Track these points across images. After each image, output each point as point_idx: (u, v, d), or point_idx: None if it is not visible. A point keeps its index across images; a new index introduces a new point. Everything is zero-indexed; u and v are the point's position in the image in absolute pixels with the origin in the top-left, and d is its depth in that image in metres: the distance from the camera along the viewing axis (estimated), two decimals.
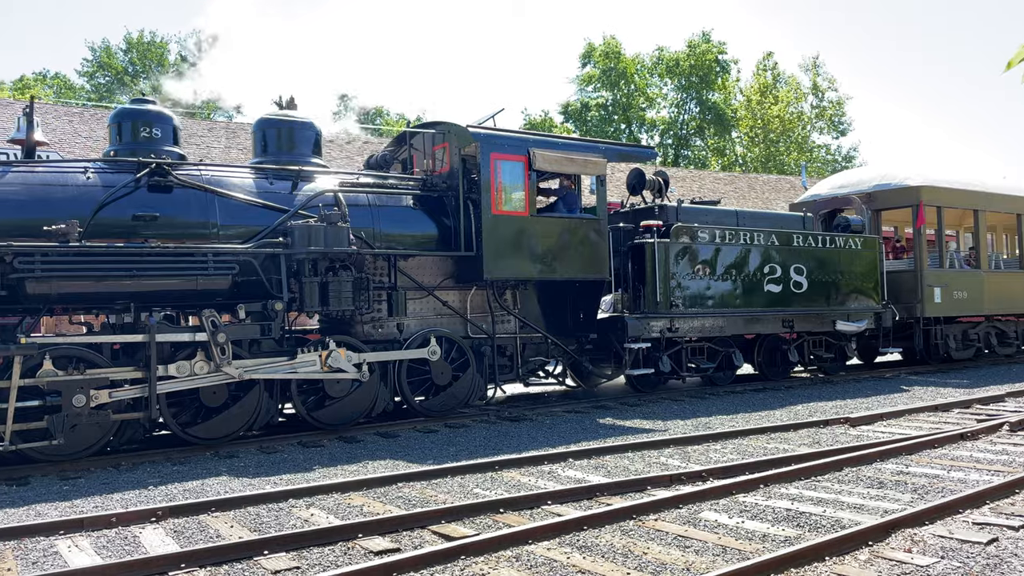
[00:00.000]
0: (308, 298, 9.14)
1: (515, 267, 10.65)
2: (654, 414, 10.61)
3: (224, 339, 8.55)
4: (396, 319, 10.20)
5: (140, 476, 7.43)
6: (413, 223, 10.39)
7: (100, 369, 8.07)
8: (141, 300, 8.48)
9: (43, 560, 5.00)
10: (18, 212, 8.05)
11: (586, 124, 46.33)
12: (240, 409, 8.87)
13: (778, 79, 47.42)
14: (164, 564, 4.71)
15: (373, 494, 6.49)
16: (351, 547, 5.08)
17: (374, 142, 22.54)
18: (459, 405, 10.50)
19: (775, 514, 5.60)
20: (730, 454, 7.84)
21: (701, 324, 12.45)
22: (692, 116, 48.63)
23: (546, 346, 11.45)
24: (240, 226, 9.10)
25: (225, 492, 6.65)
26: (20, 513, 6.17)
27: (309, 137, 10.32)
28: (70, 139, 17.46)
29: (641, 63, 48.03)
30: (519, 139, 11.02)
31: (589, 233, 11.25)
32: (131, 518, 5.76)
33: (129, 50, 45.82)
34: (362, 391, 9.62)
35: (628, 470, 7.18)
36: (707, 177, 30.57)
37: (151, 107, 9.37)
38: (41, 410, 7.75)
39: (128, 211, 8.50)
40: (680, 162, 47.16)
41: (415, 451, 8.35)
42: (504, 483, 6.79)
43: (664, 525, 5.37)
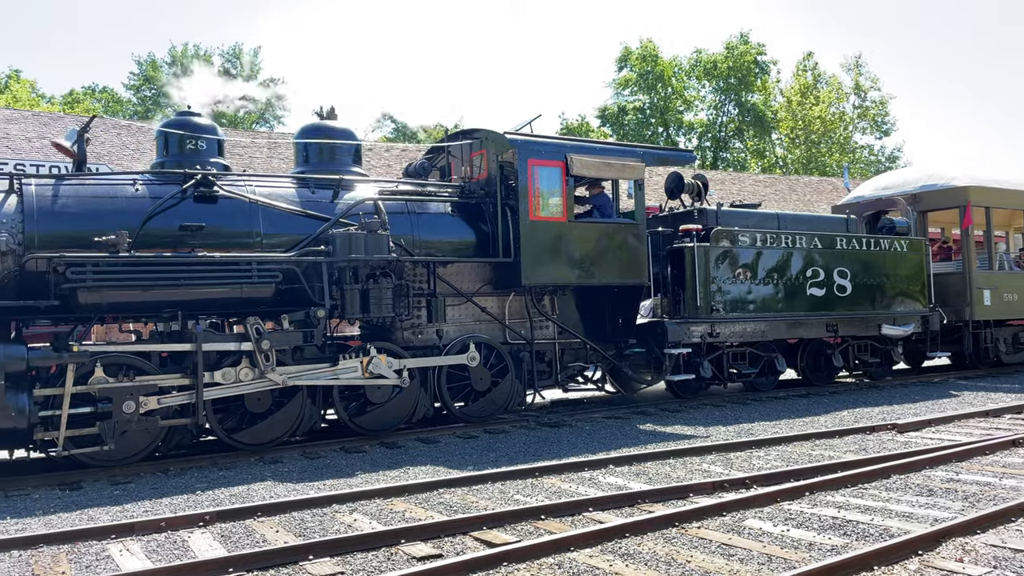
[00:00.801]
0: (349, 305, 9.25)
1: (553, 273, 10.65)
2: (695, 420, 10.51)
3: (268, 346, 8.70)
4: (435, 325, 10.27)
5: (188, 481, 7.59)
6: (451, 230, 10.47)
7: (149, 376, 8.27)
8: (188, 308, 8.66)
9: (96, 564, 5.14)
10: (70, 224, 8.29)
11: (623, 128, 46.15)
12: (284, 415, 9.00)
13: (819, 79, 46.70)
14: (212, 568, 4.80)
15: (415, 500, 6.54)
16: (394, 552, 5.12)
17: (412, 150, 22.74)
18: (498, 411, 10.53)
19: (821, 522, 5.51)
20: (774, 461, 7.74)
21: (742, 329, 12.31)
22: (731, 118, 48.14)
23: (585, 352, 11.42)
24: (283, 235, 9.25)
25: (270, 497, 6.76)
26: (73, 517, 6.34)
27: (349, 147, 10.46)
28: (118, 151, 17.93)
29: (678, 66, 47.71)
30: (556, 145, 11.03)
31: (627, 238, 11.20)
32: (180, 523, 5.88)
33: (173, 63, 46.88)
34: (403, 397, 9.70)
35: (670, 477, 7.13)
36: (747, 180, 30.23)
37: (196, 120, 9.58)
38: (93, 416, 7.96)
39: (175, 222, 8.70)
40: (719, 165, 46.72)
41: (455, 457, 8.40)
42: (545, 489, 6.79)
43: (707, 533, 5.32)
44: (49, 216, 8.21)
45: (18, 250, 7.99)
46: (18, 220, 8.06)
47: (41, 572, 4.99)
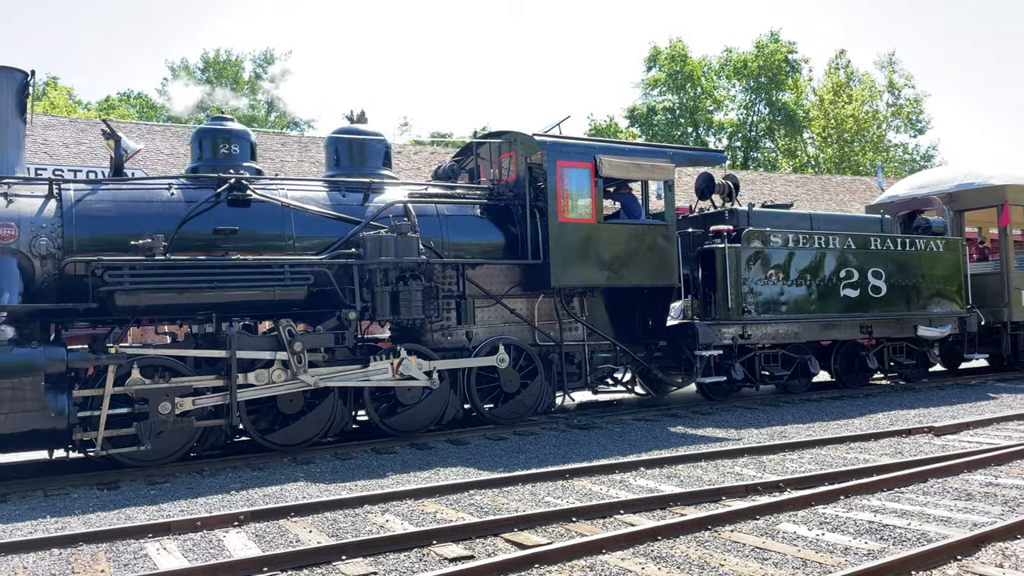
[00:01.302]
0: (380, 307, 9.32)
1: (582, 274, 10.63)
2: (727, 422, 10.42)
3: (300, 348, 8.79)
4: (465, 327, 10.30)
5: (222, 481, 7.69)
6: (481, 232, 10.49)
7: (184, 377, 8.40)
8: (222, 310, 8.78)
9: (134, 562, 5.23)
10: (107, 227, 8.44)
11: (652, 128, 45.91)
12: (316, 416, 9.09)
13: (852, 77, 46.08)
14: (247, 567, 4.86)
15: (446, 501, 6.56)
16: (426, 553, 5.14)
17: (441, 152, 22.82)
18: (528, 413, 10.53)
19: (857, 527, 5.43)
20: (808, 464, 7.64)
21: (775, 330, 12.18)
22: (761, 117, 47.66)
23: (614, 353, 11.39)
24: (314, 238, 9.34)
25: (303, 497, 6.82)
26: (111, 517, 6.46)
27: (379, 150, 10.54)
28: (153, 156, 18.22)
29: (708, 65, 47.35)
30: (585, 146, 11.01)
31: (657, 239, 11.15)
32: (215, 522, 5.97)
33: (206, 69, 47.59)
34: (433, 398, 9.74)
35: (702, 480, 7.08)
36: (778, 179, 29.91)
37: (229, 124, 9.72)
38: (129, 417, 8.10)
39: (209, 225, 8.82)
40: (750, 165, 46.27)
41: (485, 458, 8.41)
42: (575, 491, 6.77)
43: (741, 537, 5.27)
44: (87, 220, 8.38)
45: (57, 254, 8.16)
46: (57, 224, 8.23)
47: (81, 570, 5.09)
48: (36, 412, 7.48)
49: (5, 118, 8.39)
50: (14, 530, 6.12)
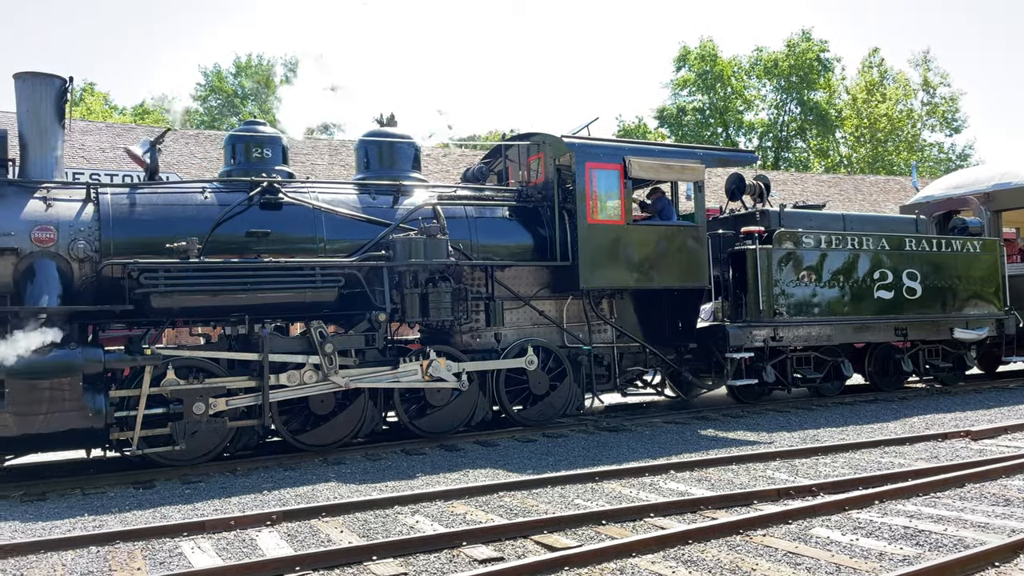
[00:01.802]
0: (409, 309, 9.38)
1: (611, 276, 10.60)
2: (758, 426, 10.32)
3: (331, 349, 8.88)
4: (494, 329, 10.32)
5: (255, 481, 7.79)
6: (509, 234, 10.51)
7: (218, 378, 8.52)
8: (254, 312, 8.89)
9: (169, 560, 5.31)
10: (143, 231, 8.60)
11: (681, 129, 45.61)
12: (346, 417, 9.17)
13: (885, 76, 45.40)
14: (280, 567, 4.91)
15: (475, 502, 6.58)
16: (456, 555, 5.16)
17: (470, 155, 22.89)
18: (556, 415, 10.52)
19: (892, 532, 5.35)
20: (841, 468, 7.55)
21: (807, 332, 12.04)
22: (792, 117, 47.12)
23: (644, 356, 11.33)
24: (345, 240, 9.42)
25: (334, 498, 6.89)
26: (147, 515, 6.57)
27: (409, 153, 10.60)
28: (187, 160, 18.52)
29: (738, 65, 46.93)
30: (614, 147, 10.98)
31: (687, 240, 11.08)
32: (248, 521, 6.04)
33: (238, 73, 48.21)
34: (462, 400, 9.77)
35: (733, 483, 7.02)
36: (810, 180, 29.54)
37: (261, 129, 9.84)
38: (165, 417, 8.24)
39: (242, 228, 8.94)
40: (781, 165, 45.77)
41: (514, 460, 8.42)
42: (605, 494, 6.75)
43: (773, 541, 5.22)
44: (124, 224, 8.53)
45: (95, 257, 8.32)
46: (95, 228, 8.39)
47: (118, 568, 5.18)
48: (74, 412, 7.63)
49: (45, 124, 8.58)
50: (53, 528, 6.25)
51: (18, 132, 8.60)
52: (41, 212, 8.24)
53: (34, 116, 8.52)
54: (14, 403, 7.41)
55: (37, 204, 8.27)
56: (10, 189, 8.26)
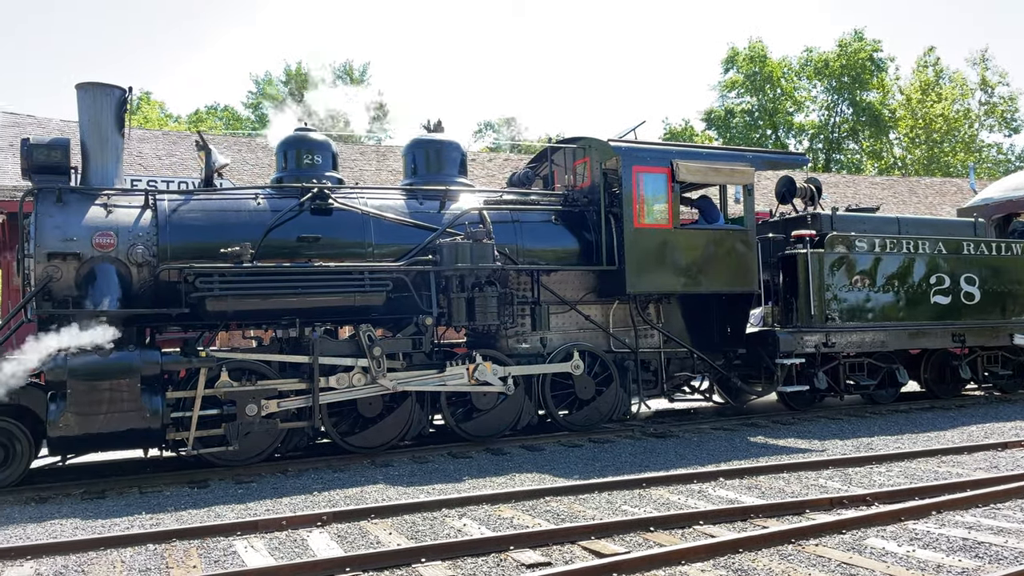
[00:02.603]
0: (456, 313, 9.44)
1: (658, 281, 10.52)
2: (810, 433, 10.13)
3: (379, 353, 8.98)
4: (539, 333, 10.32)
5: (305, 482, 7.91)
6: (555, 238, 10.51)
7: (270, 381, 8.68)
8: (305, 315, 9.04)
9: (223, 559, 5.42)
10: (198, 236, 8.81)
11: (730, 131, 45.03)
12: (394, 419, 9.26)
13: (941, 75, 44.20)
14: (330, 567, 4.99)
15: (522, 507, 6.58)
16: (503, 559, 5.17)
17: (515, 159, 22.95)
18: (603, 420, 10.47)
19: (950, 543, 5.20)
20: (896, 477, 7.36)
21: (860, 338, 11.78)
22: (844, 118, 46.15)
23: (691, 361, 11.21)
24: (393, 245, 9.53)
25: (383, 499, 6.96)
26: (202, 514, 6.72)
27: (455, 157, 10.68)
28: (239, 167, 18.90)
29: (788, 66, 46.16)
30: (661, 151, 10.90)
31: (736, 244, 10.94)
32: (299, 522, 6.15)
33: (288, 81, 49.10)
34: (508, 404, 9.80)
35: (784, 492, 6.90)
36: (862, 182, 28.89)
37: (312, 135, 10.01)
38: (218, 418, 8.42)
39: (293, 233, 9.10)
40: (832, 167, 44.88)
41: (560, 465, 8.40)
42: (652, 501, 6.70)
43: (826, 551, 5.12)
44: (180, 229, 8.76)
45: (153, 261, 8.56)
46: (152, 233, 8.63)
47: (174, 565, 5.31)
48: (133, 412, 7.86)
49: (105, 132, 8.86)
50: (112, 525, 6.43)
51: (80, 141, 8.89)
52: (102, 218, 8.51)
53: (95, 125, 8.81)
54: (76, 403, 7.66)
55: (98, 210, 8.54)
56: (73, 196, 8.54)
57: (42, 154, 8.52)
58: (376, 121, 10.73)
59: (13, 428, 7.80)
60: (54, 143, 8.64)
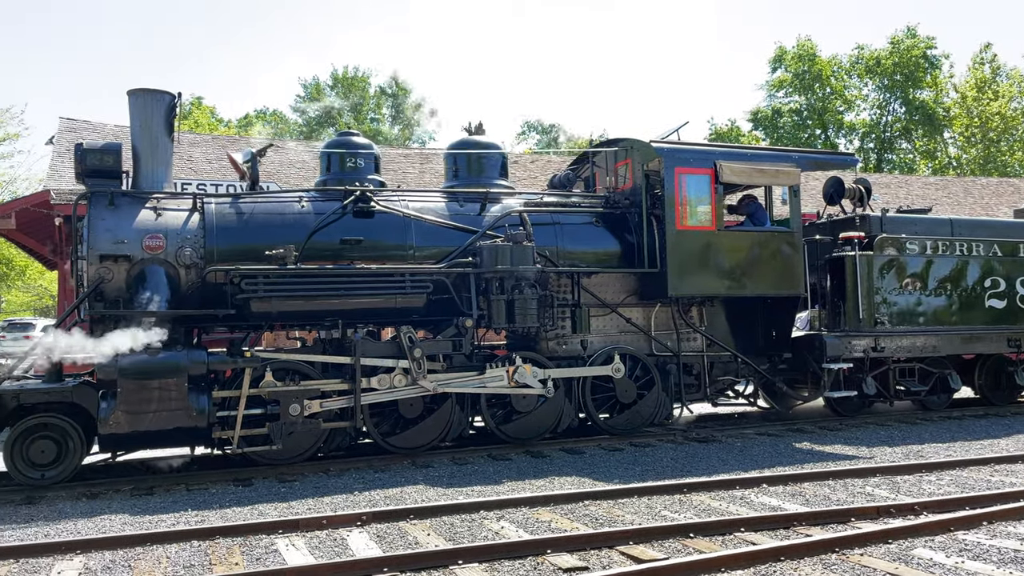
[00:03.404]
0: (496, 315, 9.44)
1: (701, 283, 10.39)
2: (857, 439, 9.90)
3: (420, 354, 9.04)
4: (580, 336, 10.28)
5: (347, 482, 7.99)
6: (596, 240, 10.45)
7: (312, 381, 8.80)
8: (347, 317, 9.15)
9: (265, 556, 5.51)
10: (244, 238, 8.97)
11: (777, 131, 44.31)
12: (434, 421, 9.31)
13: (998, 72, 42.86)
14: (369, 567, 5.02)
15: (560, 510, 6.55)
16: (540, 562, 5.15)
17: (556, 161, 22.90)
18: (644, 424, 10.37)
19: (1001, 555, 5.03)
20: (947, 486, 7.15)
21: (911, 343, 11.48)
22: (896, 117, 45.06)
23: (735, 365, 11.05)
24: (433, 247, 9.58)
25: (422, 500, 7.00)
26: (245, 512, 6.84)
27: (496, 160, 10.70)
28: (285, 170, 19.21)
29: (838, 64, 45.23)
30: (704, 152, 10.76)
31: (782, 246, 10.75)
32: (339, 521, 6.21)
33: (335, 85, 49.81)
34: (548, 407, 9.77)
35: (829, 499, 6.76)
36: (915, 183, 28.16)
37: (355, 139, 10.13)
38: (262, 417, 8.56)
39: (336, 236, 9.22)
40: (883, 167, 43.86)
41: (600, 469, 8.35)
42: (693, 506, 6.61)
43: (871, 561, 4.99)
44: (226, 232, 8.93)
45: (200, 263, 8.75)
46: (200, 236, 8.82)
47: (217, 562, 5.41)
48: (180, 411, 8.03)
49: (155, 137, 9.09)
50: (159, 521, 6.58)
51: (131, 145, 9.13)
52: (152, 221, 8.72)
53: (146, 130, 9.04)
54: (125, 401, 7.86)
55: (148, 213, 8.76)
56: (124, 199, 8.77)
57: (95, 159, 8.77)
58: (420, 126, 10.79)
59: (66, 425, 8.03)
60: (106, 148, 8.90)
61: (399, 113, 50.95)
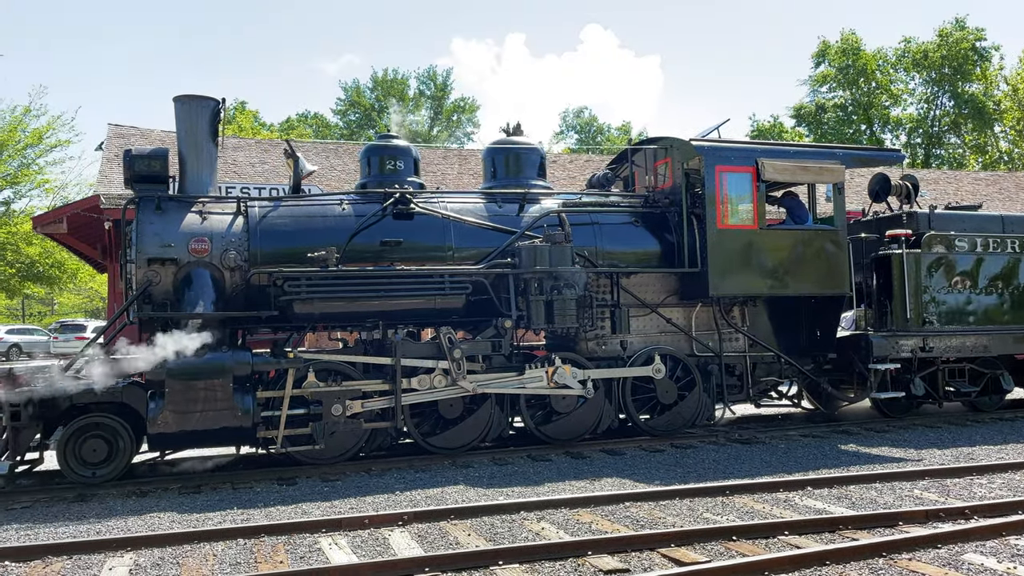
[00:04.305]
0: (535, 316, 9.43)
1: (743, 283, 10.26)
2: (905, 441, 9.69)
3: (460, 355, 9.08)
4: (619, 336, 10.23)
5: (388, 481, 8.07)
6: (635, 240, 10.39)
7: (354, 381, 8.90)
8: (387, 318, 9.23)
9: (309, 555, 5.58)
10: (287, 241, 9.11)
11: (821, 127, 43.54)
12: (474, 421, 9.34)
13: None
14: (410, 567, 5.07)
15: (601, 512, 6.53)
16: (581, 564, 5.14)
17: (595, 160, 22.81)
18: (685, 425, 10.28)
19: None
20: (999, 490, 6.96)
21: (960, 343, 11.20)
22: (945, 111, 43.97)
23: (778, 365, 10.89)
24: (472, 248, 9.62)
25: (463, 501, 7.03)
26: (289, 511, 6.94)
27: (534, 160, 10.69)
28: (327, 172, 19.45)
29: (883, 58, 44.27)
30: (746, 149, 10.63)
31: (826, 245, 10.57)
32: (381, 521, 6.27)
33: (375, 88, 50.29)
34: (587, 407, 9.74)
35: (876, 503, 6.62)
36: (964, 178, 27.46)
37: (395, 142, 10.21)
38: (305, 418, 8.68)
39: (376, 237, 9.31)
40: (931, 163, 42.83)
41: (641, 470, 8.30)
42: (736, 509, 6.54)
43: (920, 566, 4.88)
44: (270, 235, 9.08)
45: (244, 266, 8.90)
46: (244, 239, 8.97)
47: (262, 560, 5.50)
48: (226, 411, 8.19)
49: (200, 142, 9.27)
50: (206, 520, 6.71)
51: (177, 150, 9.33)
52: (197, 224, 8.90)
53: (191, 135, 9.22)
54: (173, 402, 8.04)
55: (194, 217, 8.94)
56: (170, 204, 8.97)
57: (143, 164, 8.98)
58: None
59: (116, 425, 8.23)
60: (154, 153, 9.11)
61: (437, 115, 51.27)
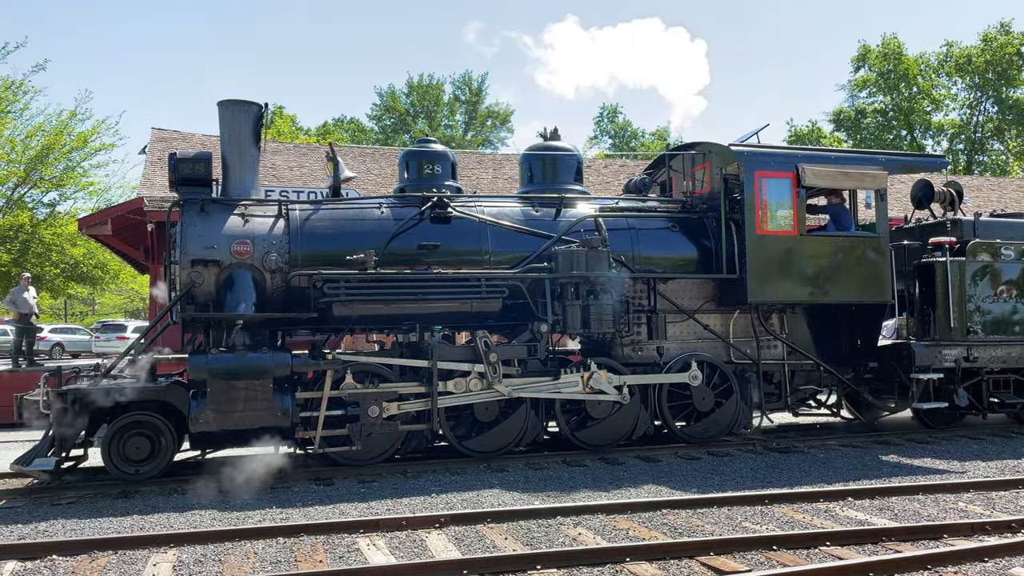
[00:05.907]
0: (571, 320, 9.41)
1: (782, 290, 10.14)
2: (948, 453, 9.50)
3: (495, 359, 9.09)
4: (656, 342, 10.17)
5: (424, 484, 8.11)
6: (672, 245, 10.33)
7: (391, 383, 8.96)
8: (424, 321, 9.28)
9: (347, 555, 5.63)
10: (327, 244, 9.21)
11: (860, 133, 42.91)
12: (509, 425, 9.35)
13: None
14: (449, 569, 5.09)
15: (638, 518, 6.50)
16: (619, 570, 5.12)
17: (631, 165, 22.73)
18: (722, 432, 10.18)
19: None
20: None
21: (1006, 353, 10.95)
22: (989, 117, 43.06)
23: (818, 374, 10.74)
24: (509, 252, 9.64)
25: (498, 504, 7.04)
26: (327, 511, 7.01)
27: (571, 165, 10.69)
28: (364, 177, 19.65)
29: (925, 62, 43.51)
30: (786, 155, 10.51)
31: (867, 252, 10.40)
32: (418, 523, 6.31)
33: (410, 93, 50.65)
34: (623, 413, 9.69)
35: (919, 515, 6.50)
36: (1009, 185, 26.87)
37: (433, 147, 10.28)
38: (343, 418, 8.76)
39: (414, 241, 9.37)
40: (975, 169, 41.97)
41: (677, 478, 8.23)
42: (775, 518, 6.46)
43: None
44: (310, 237, 9.18)
45: (285, 268, 9.02)
46: (285, 241, 9.09)
47: (303, 559, 5.56)
48: (266, 411, 8.30)
49: (244, 146, 9.42)
50: (246, 518, 6.81)
51: (220, 154, 9.49)
52: (240, 227, 9.04)
53: (234, 139, 9.38)
54: (214, 401, 8.17)
55: (236, 220, 9.08)
56: (214, 207, 9.12)
57: (187, 167, 9.15)
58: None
59: (159, 423, 8.39)
60: (198, 157, 9.27)
61: (471, 119, 51.47)
